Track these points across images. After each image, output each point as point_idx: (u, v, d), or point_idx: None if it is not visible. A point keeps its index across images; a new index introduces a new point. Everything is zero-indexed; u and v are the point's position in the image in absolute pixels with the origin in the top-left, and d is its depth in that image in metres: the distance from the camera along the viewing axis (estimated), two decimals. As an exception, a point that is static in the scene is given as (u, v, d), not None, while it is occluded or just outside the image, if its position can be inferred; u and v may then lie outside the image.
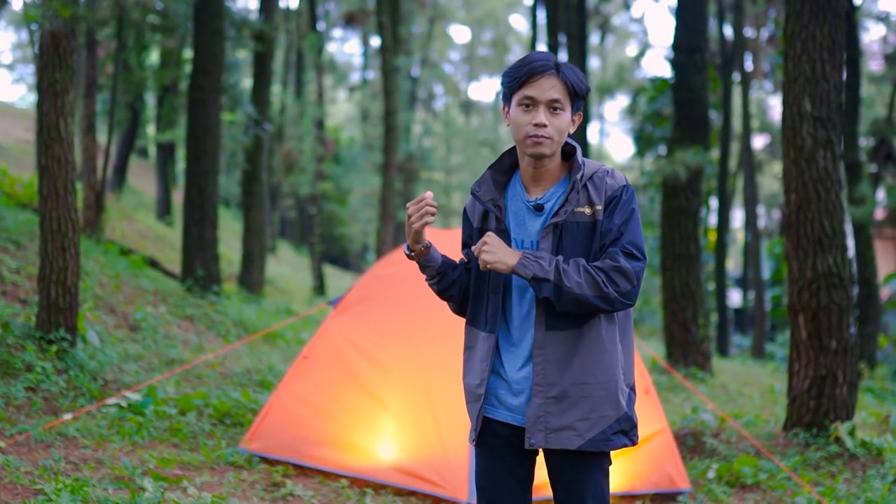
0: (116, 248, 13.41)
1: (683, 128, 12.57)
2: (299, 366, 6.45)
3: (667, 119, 24.15)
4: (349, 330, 6.42)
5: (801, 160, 7.49)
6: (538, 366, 3.04)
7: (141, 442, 6.22)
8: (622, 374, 3.06)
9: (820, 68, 7.45)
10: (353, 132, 46.88)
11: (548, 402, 3.01)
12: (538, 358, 3.04)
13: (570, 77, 3.05)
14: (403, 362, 6.15)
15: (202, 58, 12.22)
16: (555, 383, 3.01)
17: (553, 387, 3.01)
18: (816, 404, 7.38)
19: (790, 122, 7.59)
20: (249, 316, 12.06)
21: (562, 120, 3.05)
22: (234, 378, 8.58)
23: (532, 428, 3.04)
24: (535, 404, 3.03)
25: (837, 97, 7.53)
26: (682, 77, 12.61)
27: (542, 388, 3.03)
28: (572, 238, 3.03)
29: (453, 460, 5.69)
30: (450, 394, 5.94)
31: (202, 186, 12.06)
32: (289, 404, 6.29)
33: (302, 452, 6.11)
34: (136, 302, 10.22)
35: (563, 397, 3.01)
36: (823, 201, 7.43)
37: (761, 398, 11.96)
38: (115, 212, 21.94)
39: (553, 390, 3.01)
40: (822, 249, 7.42)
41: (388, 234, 16.91)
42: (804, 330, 7.46)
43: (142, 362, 8.25)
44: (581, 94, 3.06)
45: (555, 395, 3.01)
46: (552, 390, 3.01)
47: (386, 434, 5.98)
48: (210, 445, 6.41)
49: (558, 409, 3.01)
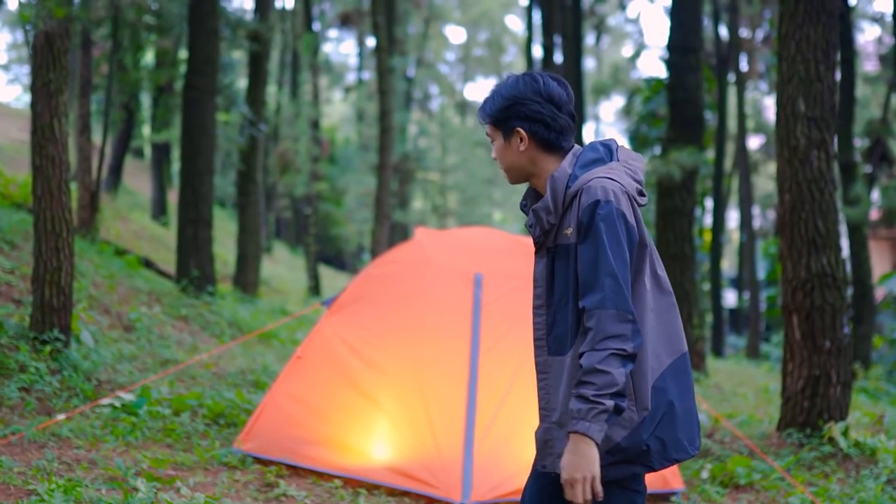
0: (111, 249, 13.39)
1: (678, 128, 12.58)
2: (293, 366, 6.44)
3: (662, 120, 24.12)
4: (343, 330, 6.42)
5: (795, 160, 7.49)
6: (542, 390, 2.96)
7: (134, 442, 6.21)
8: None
9: (814, 69, 7.46)
10: (348, 132, 46.88)
11: (552, 427, 2.91)
12: (541, 382, 2.96)
13: (485, 110, 3.03)
14: (397, 362, 6.15)
15: (197, 58, 12.22)
16: (556, 409, 2.90)
17: (554, 412, 2.91)
18: (810, 404, 7.39)
19: (784, 122, 7.60)
20: (244, 316, 12.05)
21: (497, 149, 3.05)
22: (229, 378, 8.58)
23: (541, 451, 2.97)
24: (542, 428, 2.96)
25: (831, 97, 7.54)
26: (676, 77, 12.63)
27: (546, 413, 2.95)
28: (563, 262, 2.91)
29: (447, 460, 5.69)
30: (444, 394, 5.95)
31: (197, 187, 12.05)
32: (283, 404, 6.29)
33: (296, 452, 6.10)
34: (130, 302, 10.21)
35: (562, 423, 2.86)
36: (817, 202, 7.43)
37: (756, 398, 11.97)
38: (110, 212, 21.90)
39: (554, 416, 2.90)
40: (815, 250, 7.43)
41: (382, 234, 16.90)
42: (798, 330, 7.47)
43: (136, 362, 8.24)
44: (498, 117, 2.99)
45: (556, 421, 2.89)
46: (554, 415, 2.91)
47: (380, 434, 5.98)
48: (204, 446, 6.40)
49: (560, 434, 2.86)
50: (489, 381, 5.82)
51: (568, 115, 2.98)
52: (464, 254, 6.61)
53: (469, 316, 6.16)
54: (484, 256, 6.54)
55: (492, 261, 6.47)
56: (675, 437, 2.85)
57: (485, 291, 6.20)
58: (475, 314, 6.14)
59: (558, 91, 2.96)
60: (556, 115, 2.94)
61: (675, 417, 2.85)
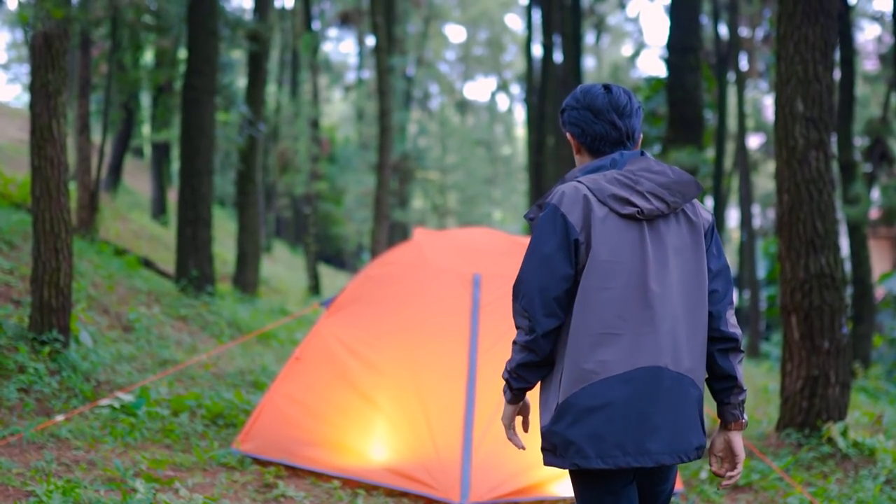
0: (111, 249, 13.40)
1: (677, 128, 12.60)
2: (291, 367, 6.45)
3: (662, 119, 24.13)
4: (341, 331, 6.43)
5: (794, 161, 7.49)
6: None
7: (133, 443, 6.22)
8: (553, 389, 3.00)
9: (812, 69, 7.46)
10: (348, 131, 46.87)
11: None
12: None
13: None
14: (395, 363, 6.15)
15: (196, 58, 12.21)
16: None
17: None
18: (809, 405, 7.38)
19: (783, 122, 7.60)
20: (243, 316, 12.06)
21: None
22: (228, 379, 8.58)
23: None
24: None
25: (829, 98, 7.53)
26: (675, 77, 12.64)
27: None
28: None
29: (445, 461, 5.69)
30: (442, 395, 5.95)
31: (196, 187, 12.05)
32: (281, 405, 6.29)
33: (294, 453, 6.11)
34: (129, 302, 10.21)
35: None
36: (816, 202, 7.43)
37: (755, 398, 11.96)
38: (109, 212, 21.88)
39: None
40: (814, 250, 7.43)
41: (382, 233, 16.89)
42: (797, 330, 7.47)
43: (135, 363, 8.25)
44: (561, 123, 3.27)
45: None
46: None
47: (378, 435, 5.98)
48: (202, 446, 6.41)
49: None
50: (487, 382, 5.81)
51: (606, 123, 3.11)
52: (462, 255, 6.61)
53: (467, 317, 6.16)
54: (482, 257, 6.54)
55: (490, 262, 6.47)
56: (611, 441, 2.90)
57: (483, 292, 6.20)
58: (474, 315, 6.14)
59: (598, 100, 3.14)
60: (593, 121, 3.12)
61: (613, 421, 2.89)
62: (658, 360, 2.92)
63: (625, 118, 3.11)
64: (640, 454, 2.90)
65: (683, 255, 3.02)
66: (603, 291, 2.91)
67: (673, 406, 2.94)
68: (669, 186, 3.02)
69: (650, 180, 3.01)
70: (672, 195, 3.02)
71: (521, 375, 3.02)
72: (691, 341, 2.99)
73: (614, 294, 2.92)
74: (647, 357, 2.91)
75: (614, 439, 2.87)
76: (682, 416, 2.96)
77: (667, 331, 2.94)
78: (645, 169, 3.05)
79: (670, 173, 3.05)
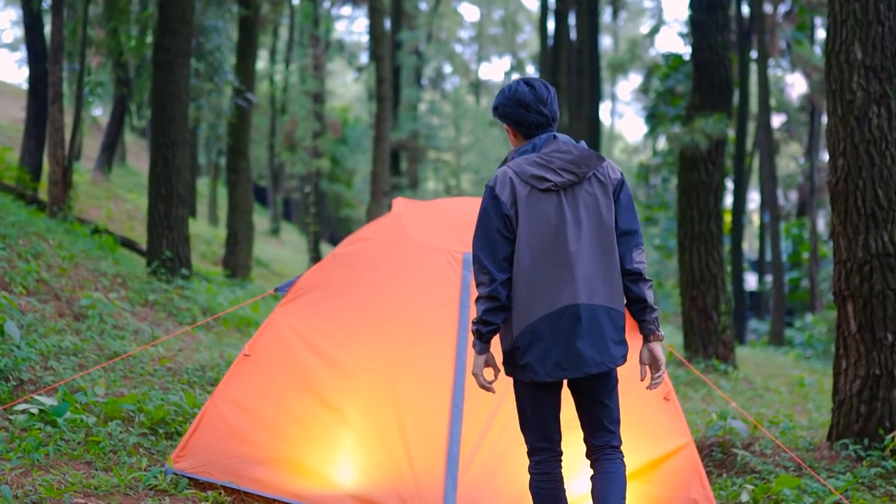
0: (88, 229, 12.30)
1: (703, 93, 11.37)
2: (239, 366, 5.28)
3: (680, 97, 23.20)
4: (301, 323, 5.26)
5: (851, 118, 6.32)
6: None
7: (41, 460, 5.02)
8: (506, 328, 3.85)
9: (872, 8, 6.31)
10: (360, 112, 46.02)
11: None
12: None
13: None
14: (367, 364, 5.00)
15: (168, 15, 10.90)
16: None
17: None
18: (868, 410, 6.22)
19: (836, 72, 6.42)
20: (222, 302, 10.91)
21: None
22: (184, 375, 7.39)
23: None
24: None
25: (893, 42, 6.35)
26: (701, 36, 11.39)
27: None
28: None
29: (424, 487, 4.58)
30: (423, 403, 4.83)
31: (169, 158, 10.83)
32: (225, 414, 5.13)
33: (240, 474, 4.96)
34: (86, 287, 9.08)
35: None
36: (877, 167, 6.27)
37: (790, 394, 10.81)
38: (101, 191, 20.93)
39: None
40: (875, 224, 6.26)
41: (379, 211, 15.71)
42: (854, 321, 6.29)
43: (75, 357, 7.09)
44: (496, 114, 4.06)
45: None
46: None
47: (343, 453, 4.86)
48: (129, 464, 5.22)
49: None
50: (478, 390, 4.61)
51: (536, 113, 3.91)
52: (450, 229, 5.43)
53: (455, 306, 5.02)
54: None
55: (483, 237, 5.29)
56: (536, 363, 3.76)
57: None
58: (463, 304, 5.00)
59: (527, 97, 3.92)
60: (525, 114, 3.93)
61: (550, 348, 3.75)
62: (576, 298, 3.74)
63: (548, 106, 3.92)
64: (575, 369, 3.74)
65: (595, 211, 3.80)
66: (532, 251, 3.76)
67: (592, 330, 3.75)
68: (576, 161, 3.83)
69: (560, 158, 3.83)
70: (579, 167, 3.82)
71: (488, 320, 3.78)
72: (607, 279, 3.79)
73: (540, 252, 3.76)
74: (567, 297, 3.74)
75: (554, 360, 3.74)
76: (601, 336, 3.76)
77: (582, 274, 3.75)
78: (556, 150, 3.86)
79: (575, 151, 3.86)
